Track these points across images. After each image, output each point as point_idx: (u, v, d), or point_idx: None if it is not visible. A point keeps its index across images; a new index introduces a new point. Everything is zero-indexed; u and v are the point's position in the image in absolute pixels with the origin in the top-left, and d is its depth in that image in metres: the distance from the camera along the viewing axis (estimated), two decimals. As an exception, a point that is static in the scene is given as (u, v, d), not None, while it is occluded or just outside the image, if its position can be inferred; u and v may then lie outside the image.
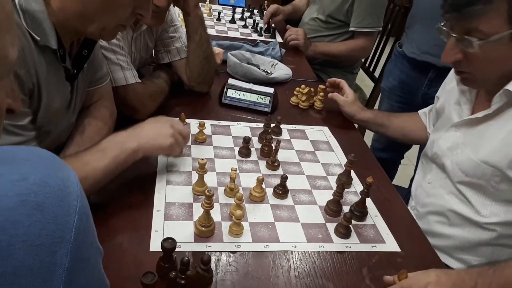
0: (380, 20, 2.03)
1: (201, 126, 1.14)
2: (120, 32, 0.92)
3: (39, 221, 0.36)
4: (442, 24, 0.96)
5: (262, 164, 1.12)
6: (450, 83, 1.16)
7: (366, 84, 2.60)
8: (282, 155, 1.16)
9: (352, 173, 1.13)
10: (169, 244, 0.73)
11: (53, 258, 0.36)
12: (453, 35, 0.92)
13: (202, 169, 0.93)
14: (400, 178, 1.90)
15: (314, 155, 1.21)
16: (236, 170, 0.97)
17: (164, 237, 0.75)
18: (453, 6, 0.89)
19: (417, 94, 1.73)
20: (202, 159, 0.93)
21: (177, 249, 0.79)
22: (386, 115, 1.38)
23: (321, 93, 1.46)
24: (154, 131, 0.92)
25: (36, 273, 0.35)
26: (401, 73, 1.77)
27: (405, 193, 1.29)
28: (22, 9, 0.72)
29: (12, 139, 0.73)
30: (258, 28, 2.12)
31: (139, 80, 1.18)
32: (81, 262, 0.39)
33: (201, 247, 0.83)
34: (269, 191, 1.02)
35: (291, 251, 0.86)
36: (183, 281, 0.71)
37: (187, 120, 1.19)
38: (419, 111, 1.35)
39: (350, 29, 2.04)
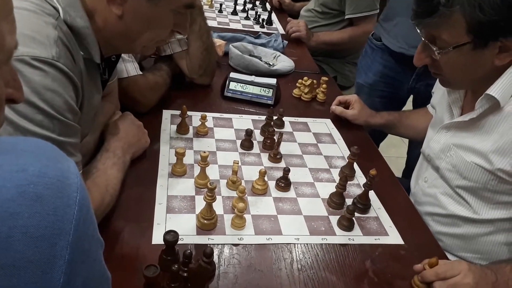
0: (375, 2, 2.00)
1: (203, 118, 1.13)
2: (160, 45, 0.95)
3: (38, 212, 0.35)
4: (415, 24, 0.95)
5: (265, 156, 1.12)
6: None
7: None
8: (285, 148, 1.15)
9: (355, 165, 1.12)
10: (171, 236, 0.73)
11: (53, 250, 0.35)
12: (423, 38, 0.93)
13: (204, 162, 0.93)
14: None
15: (317, 147, 1.20)
16: (238, 163, 0.96)
17: (166, 230, 0.75)
18: (416, 15, 0.91)
19: (401, 88, 1.69)
20: (204, 152, 0.92)
21: (179, 242, 0.79)
22: (396, 117, 1.33)
23: (324, 85, 1.44)
24: (134, 135, 0.98)
25: (36, 265, 0.35)
26: (384, 68, 1.71)
27: (407, 186, 1.28)
28: (68, 24, 0.72)
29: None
30: (260, 20, 2.10)
31: (140, 72, 1.17)
32: (82, 254, 0.38)
33: (203, 239, 0.83)
34: (272, 184, 1.01)
35: (294, 243, 0.86)
36: (185, 274, 0.70)
37: (189, 113, 1.18)
38: (427, 106, 1.32)
39: (346, 16, 2.02)
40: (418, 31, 0.93)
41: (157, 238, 0.80)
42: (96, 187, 0.78)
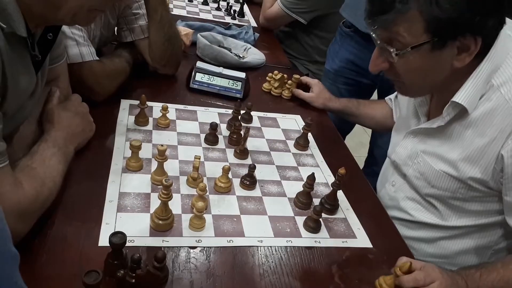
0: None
1: (164, 110, 1.06)
2: (95, 16, 0.81)
3: None
4: (371, 30, 0.87)
5: (230, 152, 1.05)
6: None
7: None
8: (252, 144, 1.09)
9: (324, 164, 1.08)
10: (118, 239, 0.65)
11: None
12: (378, 42, 0.86)
13: (161, 156, 0.85)
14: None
15: (285, 144, 1.14)
16: (199, 158, 0.89)
17: (115, 231, 0.67)
18: (371, 13, 0.84)
19: (366, 76, 1.68)
20: (162, 145, 0.85)
21: (130, 244, 0.72)
22: (355, 105, 1.33)
23: (289, 81, 1.39)
24: (78, 124, 0.90)
25: None
26: (350, 54, 1.70)
27: (374, 186, 1.25)
28: None
29: None
30: (232, 11, 2.03)
31: (97, 58, 1.07)
32: None
33: (157, 242, 0.76)
34: (236, 182, 0.95)
35: (257, 246, 0.80)
36: (133, 280, 0.63)
37: (150, 104, 1.10)
38: (385, 98, 1.30)
39: None
40: (373, 35, 0.86)
41: (105, 239, 0.72)
42: (30, 180, 0.69)
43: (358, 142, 2.08)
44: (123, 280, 0.63)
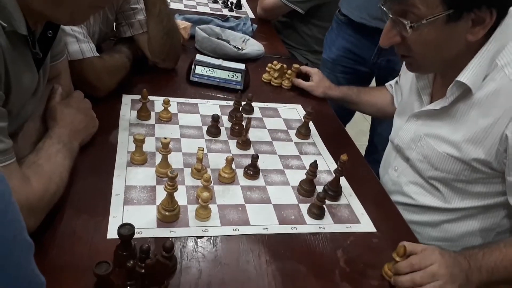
0: None
1: (166, 103, 1.06)
2: (94, 13, 0.81)
3: None
4: (381, 3, 0.87)
5: (233, 143, 1.06)
6: None
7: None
8: (254, 134, 1.10)
9: (326, 152, 1.09)
10: (126, 230, 0.66)
11: None
12: (390, 15, 0.85)
13: (165, 149, 0.86)
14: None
15: (287, 133, 1.15)
16: (203, 150, 0.90)
17: (123, 223, 0.68)
18: None
19: (364, 63, 1.68)
20: (165, 138, 0.86)
21: (138, 236, 0.74)
22: (355, 92, 1.34)
23: (289, 71, 1.39)
24: (81, 121, 0.91)
25: None
26: (346, 42, 1.69)
27: (376, 172, 1.26)
28: None
29: None
30: (229, 3, 2.03)
31: (97, 54, 1.08)
32: None
33: (164, 232, 0.77)
34: (240, 172, 0.96)
35: (262, 234, 0.81)
36: (142, 270, 0.65)
37: (151, 98, 1.11)
38: (386, 84, 1.31)
39: None
40: (384, 9, 0.86)
41: (113, 232, 0.73)
42: (37, 176, 0.70)
43: (358, 130, 2.08)
44: (133, 270, 0.64)
